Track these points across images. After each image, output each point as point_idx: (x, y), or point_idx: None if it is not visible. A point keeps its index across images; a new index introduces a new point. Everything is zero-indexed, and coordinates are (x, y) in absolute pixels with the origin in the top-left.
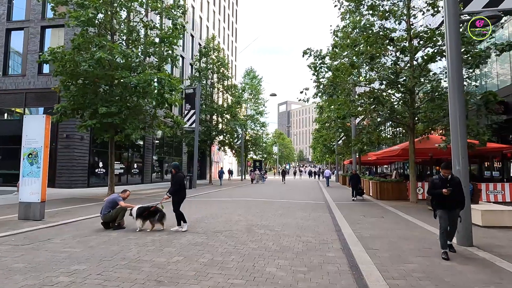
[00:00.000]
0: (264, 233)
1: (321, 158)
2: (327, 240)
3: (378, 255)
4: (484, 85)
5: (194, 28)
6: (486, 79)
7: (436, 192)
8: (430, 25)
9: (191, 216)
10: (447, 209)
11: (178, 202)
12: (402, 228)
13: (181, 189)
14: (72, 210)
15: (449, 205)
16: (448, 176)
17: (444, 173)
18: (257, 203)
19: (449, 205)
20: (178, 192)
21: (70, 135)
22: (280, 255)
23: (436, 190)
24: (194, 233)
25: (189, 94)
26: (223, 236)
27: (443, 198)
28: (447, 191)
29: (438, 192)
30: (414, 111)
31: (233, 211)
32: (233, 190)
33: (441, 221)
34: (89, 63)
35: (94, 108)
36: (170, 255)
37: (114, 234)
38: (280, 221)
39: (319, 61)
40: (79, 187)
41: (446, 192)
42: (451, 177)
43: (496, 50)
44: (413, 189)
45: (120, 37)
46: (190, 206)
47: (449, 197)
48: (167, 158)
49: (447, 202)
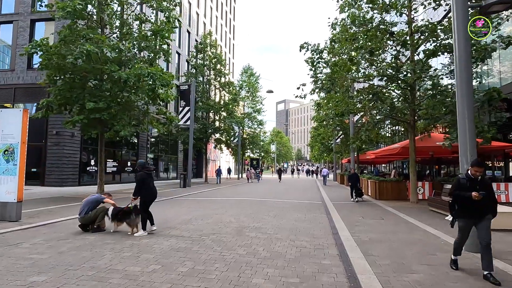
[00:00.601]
0: (255, 237)
1: (319, 157)
2: (323, 245)
3: (379, 262)
4: (486, 84)
5: (191, 25)
6: (487, 77)
7: (464, 195)
8: (432, 19)
9: (179, 217)
10: (473, 218)
11: (143, 203)
12: (403, 230)
13: (143, 188)
14: (56, 210)
15: (478, 212)
16: (479, 176)
17: (475, 172)
18: (251, 203)
19: (477, 212)
20: (141, 192)
21: (60, 132)
22: (270, 263)
23: (463, 193)
24: (178, 237)
25: (184, 91)
26: (210, 240)
27: (470, 204)
28: (479, 195)
29: (466, 195)
30: (415, 107)
31: (225, 212)
32: (228, 189)
33: (461, 233)
34: (75, 56)
35: (81, 103)
36: (147, 263)
37: (92, 237)
38: (273, 223)
39: (317, 55)
40: (69, 186)
41: (477, 196)
42: (482, 178)
43: (502, 43)
44: (414, 189)
45: (112, 31)
46: (180, 206)
47: (478, 203)
48: (163, 156)
49: (474, 208)
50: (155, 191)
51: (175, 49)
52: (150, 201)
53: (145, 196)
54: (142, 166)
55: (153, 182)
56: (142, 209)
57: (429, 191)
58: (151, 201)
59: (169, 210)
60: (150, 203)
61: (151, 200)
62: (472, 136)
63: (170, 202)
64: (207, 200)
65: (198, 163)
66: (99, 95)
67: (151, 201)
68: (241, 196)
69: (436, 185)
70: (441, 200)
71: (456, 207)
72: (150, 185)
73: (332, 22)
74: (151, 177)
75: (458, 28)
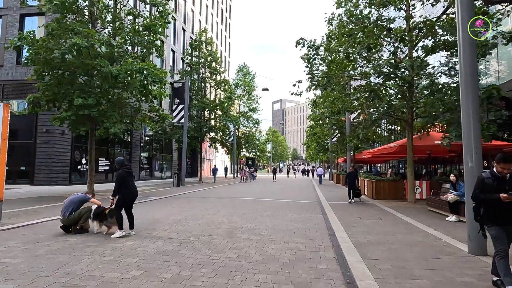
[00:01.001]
0: (248, 238)
1: (315, 156)
2: (319, 247)
3: (379, 267)
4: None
5: (186, 22)
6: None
7: (491, 197)
8: (430, 16)
9: (169, 217)
10: (506, 224)
11: (123, 202)
12: (402, 231)
13: (123, 187)
14: (41, 210)
15: (509, 216)
16: (507, 174)
17: (502, 169)
18: (245, 203)
19: (509, 216)
20: (120, 191)
21: (50, 129)
22: (263, 267)
23: (490, 195)
24: (166, 239)
25: (178, 88)
26: (199, 243)
27: (499, 207)
28: (510, 197)
29: (494, 197)
30: (413, 105)
31: (217, 212)
32: (222, 189)
33: (498, 243)
34: (62, 50)
35: (69, 99)
36: (128, 268)
37: (73, 239)
38: (267, 223)
39: (313, 52)
40: (60, 185)
41: (508, 198)
42: (511, 176)
43: (503, 39)
44: (411, 188)
45: (103, 26)
46: (172, 206)
47: (509, 205)
48: (158, 155)
49: (505, 212)
50: (135, 190)
51: (169, 47)
52: (130, 200)
53: (124, 195)
54: (121, 164)
55: (133, 180)
56: (120, 208)
57: (426, 190)
58: (131, 201)
59: (160, 210)
60: (131, 202)
61: (131, 200)
62: (477, 132)
63: (161, 202)
64: (200, 199)
65: (193, 162)
66: (89, 91)
67: (131, 200)
68: (235, 195)
69: (434, 184)
70: (440, 199)
71: (481, 212)
72: (130, 184)
73: (328, 17)
74: (131, 175)
75: (463, 19)
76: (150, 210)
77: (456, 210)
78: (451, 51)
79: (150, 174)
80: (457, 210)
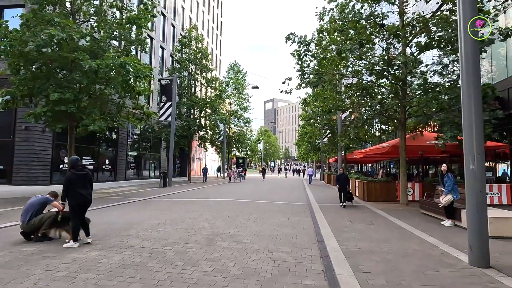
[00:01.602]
0: (228, 247)
1: (306, 156)
2: (306, 257)
3: (372, 282)
4: None
5: (176, 19)
6: None
7: None
8: (423, 13)
9: (146, 221)
10: None
11: (72, 209)
12: (397, 238)
13: (70, 191)
14: (9, 214)
15: None
16: None
17: None
18: (231, 205)
19: None
20: (69, 196)
21: (30, 126)
22: (240, 284)
23: None
24: (136, 248)
25: (165, 85)
26: (173, 253)
27: None
28: None
29: None
30: (406, 103)
31: (200, 215)
32: (210, 189)
33: None
34: (37, 42)
35: (45, 94)
36: (82, 286)
37: (30, 249)
38: (252, 228)
39: (304, 48)
40: (40, 184)
41: None
42: None
43: (500, 35)
44: (404, 190)
45: (85, 18)
46: (153, 208)
47: None
48: (146, 154)
49: None
50: (86, 196)
51: (158, 43)
52: (78, 205)
53: (71, 201)
54: (72, 164)
55: (88, 184)
56: (75, 215)
57: (419, 192)
58: (80, 207)
59: (139, 213)
60: (81, 208)
61: (79, 205)
62: (479, 132)
63: (143, 204)
64: (185, 201)
65: (182, 161)
66: (67, 86)
67: (80, 206)
68: (222, 196)
69: (426, 186)
70: (434, 203)
71: None
72: (79, 187)
73: (320, 11)
74: (82, 178)
75: (465, 9)
76: (128, 213)
77: (451, 214)
78: (445, 50)
79: (138, 173)
80: (452, 214)
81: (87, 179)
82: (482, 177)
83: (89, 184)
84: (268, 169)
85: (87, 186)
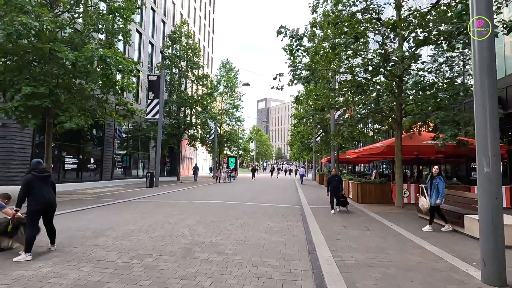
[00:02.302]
0: (207, 260)
1: (298, 156)
2: (295, 273)
3: None
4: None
5: (166, 14)
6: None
7: None
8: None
9: (120, 228)
10: None
11: (31, 214)
12: (395, 247)
13: (32, 194)
14: None
15: None
16: None
17: None
18: (217, 208)
19: None
20: (28, 200)
21: (7, 123)
22: None
23: None
24: (99, 262)
25: (152, 82)
26: (141, 268)
27: None
28: None
29: None
30: (402, 101)
31: (182, 220)
32: (199, 190)
33: None
34: (8, 31)
35: (17, 87)
36: None
37: None
38: (237, 236)
39: (296, 42)
40: (18, 184)
41: None
42: None
43: (503, 28)
44: (399, 192)
45: (65, 8)
46: (132, 211)
47: None
48: (135, 153)
49: None
50: (49, 199)
51: (148, 39)
52: (40, 211)
53: (32, 206)
54: (33, 167)
55: (51, 187)
56: (32, 223)
57: (414, 194)
58: (44, 212)
59: (115, 216)
60: (45, 215)
61: (42, 210)
62: (495, 131)
63: (123, 206)
64: (169, 203)
65: (172, 160)
66: (42, 79)
67: (44, 211)
68: (210, 198)
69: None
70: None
71: None
72: (40, 191)
73: (313, 3)
74: (43, 180)
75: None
76: (103, 217)
77: (444, 218)
78: (442, 46)
79: (125, 172)
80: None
81: (49, 182)
82: (498, 181)
83: (52, 188)
84: (260, 169)
85: (50, 189)
